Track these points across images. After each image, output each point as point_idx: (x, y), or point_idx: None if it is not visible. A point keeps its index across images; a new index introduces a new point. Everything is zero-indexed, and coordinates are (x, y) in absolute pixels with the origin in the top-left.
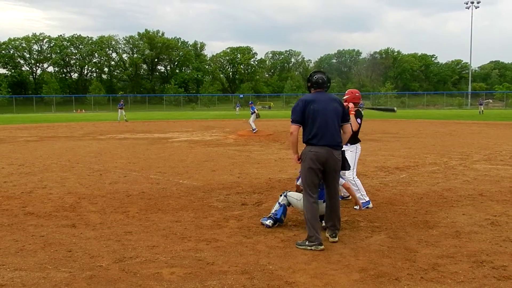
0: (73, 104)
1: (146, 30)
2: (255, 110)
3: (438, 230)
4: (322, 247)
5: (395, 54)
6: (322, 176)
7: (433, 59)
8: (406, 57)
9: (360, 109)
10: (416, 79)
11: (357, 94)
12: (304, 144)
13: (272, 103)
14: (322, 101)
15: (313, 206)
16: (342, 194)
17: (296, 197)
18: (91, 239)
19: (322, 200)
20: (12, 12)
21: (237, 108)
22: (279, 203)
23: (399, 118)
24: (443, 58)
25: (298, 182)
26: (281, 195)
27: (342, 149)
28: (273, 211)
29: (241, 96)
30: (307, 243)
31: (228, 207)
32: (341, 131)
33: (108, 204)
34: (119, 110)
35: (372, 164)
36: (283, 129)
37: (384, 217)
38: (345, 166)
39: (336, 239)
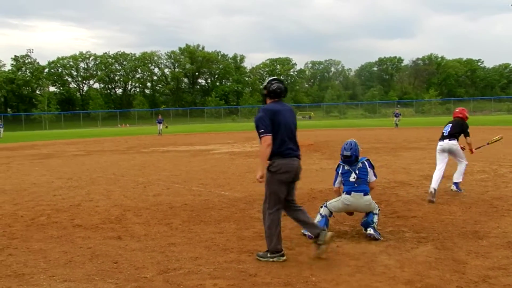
0: (118, 119)
1: (186, 44)
2: None
3: (488, 241)
4: (285, 257)
5: (438, 59)
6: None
7: (479, 63)
8: (451, 62)
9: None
10: (462, 85)
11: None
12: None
13: (312, 113)
14: (285, 112)
15: (280, 220)
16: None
17: (335, 200)
18: (136, 251)
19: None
20: (60, 32)
21: None
22: (320, 214)
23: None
24: (490, 63)
25: (336, 184)
26: (321, 207)
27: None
28: (315, 222)
29: None
30: (268, 255)
31: None
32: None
33: (152, 216)
34: (158, 124)
35: (417, 173)
36: (324, 139)
37: (430, 227)
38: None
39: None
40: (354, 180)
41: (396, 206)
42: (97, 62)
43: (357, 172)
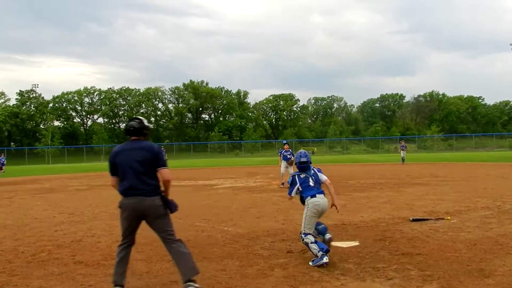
0: None
1: (191, 80)
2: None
3: (494, 279)
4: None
5: (440, 96)
6: (143, 222)
7: (480, 100)
8: (452, 99)
9: None
10: (463, 121)
11: None
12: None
13: (315, 148)
14: (127, 151)
15: (119, 254)
16: None
17: (305, 221)
18: None
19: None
20: (65, 68)
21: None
22: (312, 243)
23: (447, 161)
24: (490, 100)
25: (293, 194)
26: (303, 240)
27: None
28: (317, 251)
29: (284, 142)
30: None
31: (273, 255)
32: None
33: (154, 253)
34: None
35: (421, 209)
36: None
37: (435, 265)
38: (171, 209)
39: None
40: (313, 184)
41: (400, 243)
42: (101, 97)
43: (313, 177)
